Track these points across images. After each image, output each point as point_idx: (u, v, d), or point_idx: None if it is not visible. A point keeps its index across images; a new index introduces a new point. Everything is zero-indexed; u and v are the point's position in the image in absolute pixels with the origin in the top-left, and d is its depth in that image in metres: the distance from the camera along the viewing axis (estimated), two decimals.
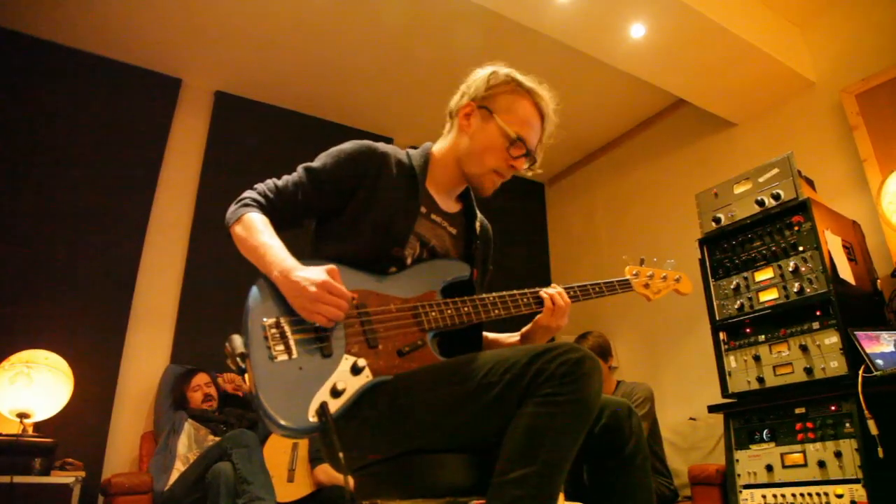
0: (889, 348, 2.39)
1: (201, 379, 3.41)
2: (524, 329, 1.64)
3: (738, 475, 2.57)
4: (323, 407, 1.21)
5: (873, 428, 2.17)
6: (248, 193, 1.46)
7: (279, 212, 1.45)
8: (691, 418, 3.54)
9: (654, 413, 3.22)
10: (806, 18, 3.70)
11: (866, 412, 2.20)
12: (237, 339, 1.25)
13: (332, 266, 1.31)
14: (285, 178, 1.49)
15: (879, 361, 2.31)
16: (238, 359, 1.22)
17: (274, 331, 1.27)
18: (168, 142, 3.98)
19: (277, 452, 3.22)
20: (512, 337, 1.67)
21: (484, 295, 1.48)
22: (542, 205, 5.62)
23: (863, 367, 2.28)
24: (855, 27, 3.49)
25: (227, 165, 4.06)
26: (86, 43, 3.74)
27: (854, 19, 3.50)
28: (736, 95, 3.78)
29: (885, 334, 2.44)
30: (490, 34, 3.62)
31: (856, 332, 2.37)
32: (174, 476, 2.98)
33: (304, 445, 3.28)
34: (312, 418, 1.20)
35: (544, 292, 1.53)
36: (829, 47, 3.62)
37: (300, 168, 1.49)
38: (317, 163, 1.49)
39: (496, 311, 1.47)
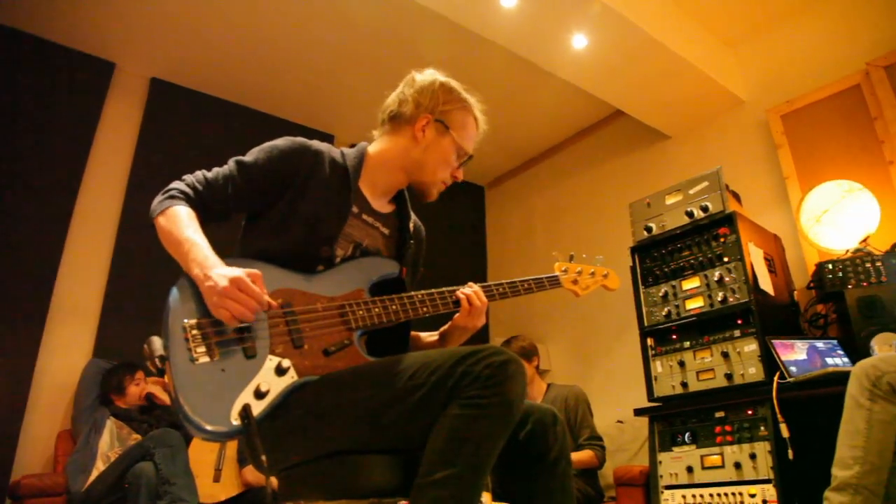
0: (802, 356, 2.52)
1: (142, 375, 3.28)
2: (443, 328, 1.65)
3: (661, 476, 2.65)
4: (246, 409, 1.18)
5: (785, 431, 2.29)
6: (175, 185, 1.42)
7: (207, 205, 1.41)
8: (619, 421, 3.64)
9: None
10: (739, 40, 3.87)
11: (779, 416, 2.31)
12: (156, 341, 1.21)
13: (255, 271, 1.27)
14: (216, 170, 1.45)
15: (793, 368, 2.42)
16: (157, 361, 1.19)
17: (195, 332, 1.23)
18: (98, 128, 3.81)
19: (204, 452, 3.13)
20: (432, 336, 1.68)
21: (412, 293, 1.48)
22: (482, 207, 5.68)
23: (778, 374, 2.39)
24: (783, 51, 3.66)
25: (161, 155, 3.92)
26: (10, 19, 3.54)
27: (782, 44, 3.68)
28: (671, 109, 3.91)
29: (798, 342, 2.57)
30: (436, 37, 3.62)
31: (772, 341, 2.49)
32: (94, 476, 2.86)
33: (233, 445, 3.20)
34: (235, 421, 1.18)
35: (461, 292, 1.54)
36: (758, 68, 3.79)
37: (231, 161, 1.46)
38: (249, 157, 1.46)
39: (424, 309, 1.47)
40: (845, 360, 2.59)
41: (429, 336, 1.69)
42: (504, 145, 4.97)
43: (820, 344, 2.62)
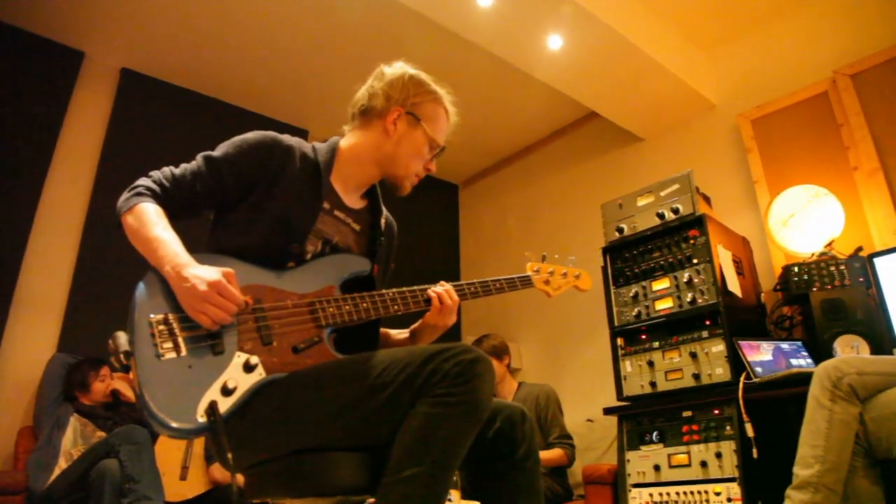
0: (768, 357, 2.57)
1: (108, 370, 3.21)
2: (413, 326, 1.65)
3: (629, 474, 2.68)
4: (212, 406, 1.17)
5: (750, 430, 2.33)
6: (142, 181, 1.39)
7: (175, 202, 1.39)
8: (588, 420, 3.67)
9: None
10: (712, 45, 3.92)
11: (745, 416, 2.35)
12: (122, 336, 1.20)
13: (229, 269, 1.27)
14: (183, 166, 1.43)
15: (759, 369, 2.47)
16: (122, 356, 1.17)
17: (162, 327, 1.22)
18: (66, 118, 3.72)
19: (171, 449, 3.08)
20: (402, 333, 1.68)
21: (383, 291, 1.47)
22: (456, 206, 5.68)
23: (744, 374, 2.43)
24: (754, 57, 3.72)
25: (131, 148, 3.84)
26: None
27: (753, 50, 3.74)
28: (644, 112, 3.96)
29: (764, 344, 2.62)
30: (414, 34, 3.61)
31: (739, 342, 2.53)
32: (55, 474, 2.79)
33: (200, 442, 3.16)
34: (201, 418, 1.17)
35: (432, 291, 1.54)
36: (730, 73, 3.85)
37: (200, 157, 1.44)
38: (218, 152, 1.44)
39: (395, 307, 1.47)
40: (809, 361, 2.64)
41: (399, 333, 1.68)
42: (479, 144, 4.98)
43: (785, 345, 2.68)
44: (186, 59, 3.99)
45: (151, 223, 1.31)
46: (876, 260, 2.59)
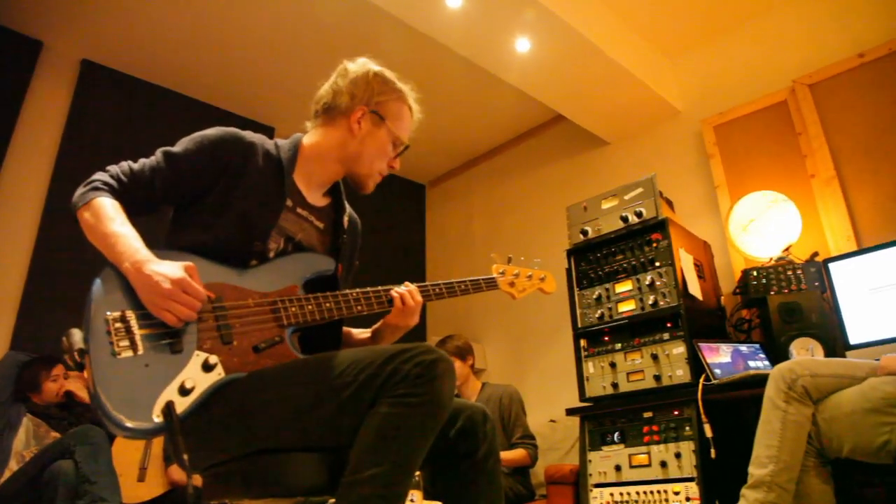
0: (727, 359, 2.62)
1: (60, 370, 3.12)
2: (375, 326, 1.64)
3: (590, 474, 2.71)
4: (169, 406, 1.15)
5: (709, 431, 2.37)
6: (98, 176, 1.36)
7: (132, 197, 1.36)
8: (551, 420, 3.70)
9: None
10: (676, 51, 3.99)
11: (703, 417, 2.39)
12: (76, 334, 1.17)
13: (190, 263, 1.25)
14: (142, 161, 1.40)
15: (718, 371, 2.52)
16: (76, 354, 1.14)
17: (119, 325, 1.19)
18: (22, 110, 3.62)
19: (128, 450, 3.01)
20: (364, 333, 1.67)
21: (347, 291, 1.46)
22: (423, 206, 5.68)
23: (703, 376, 2.48)
24: (718, 65, 3.80)
25: (91, 141, 3.75)
26: None
27: (717, 57, 3.81)
28: (610, 116, 4.00)
29: (724, 346, 2.67)
30: (383, 34, 3.59)
31: (699, 344, 2.58)
32: (6, 476, 2.71)
33: (159, 443, 3.10)
34: (157, 418, 1.14)
35: (395, 291, 1.53)
36: (694, 80, 3.92)
37: (159, 152, 1.41)
38: (178, 147, 1.41)
39: (359, 308, 1.46)
40: (766, 363, 2.70)
41: (361, 333, 1.67)
42: (446, 145, 4.98)
43: (744, 347, 2.74)
44: (150, 51, 3.91)
45: (108, 218, 1.28)
46: (831, 265, 2.66)
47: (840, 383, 1.86)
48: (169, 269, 1.22)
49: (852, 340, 2.52)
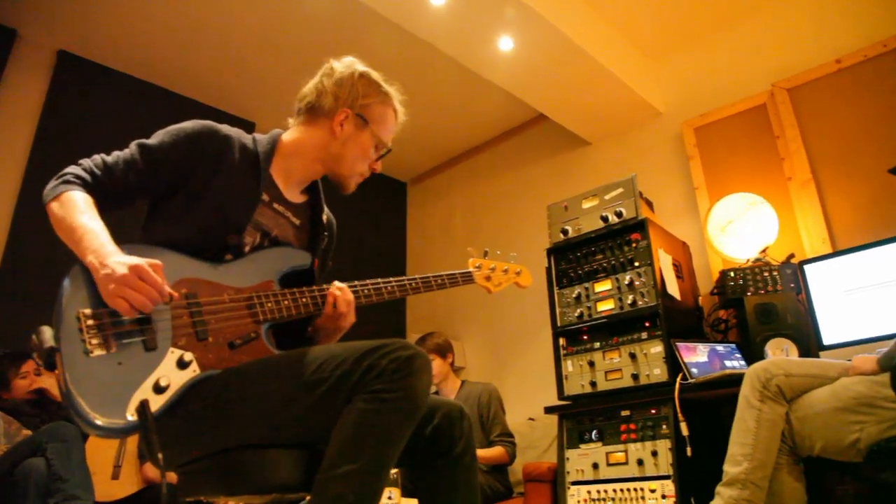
0: (704, 358, 2.65)
1: (31, 366, 3.06)
2: (310, 329, 1.57)
3: (568, 472, 2.72)
4: (143, 404, 1.13)
5: (685, 429, 2.39)
6: (71, 169, 1.33)
7: (106, 191, 1.33)
8: (530, 418, 3.71)
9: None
10: (659, 53, 4.01)
11: (680, 415, 2.41)
12: (47, 332, 1.14)
13: (156, 261, 1.21)
14: (116, 154, 1.37)
15: (694, 370, 2.54)
16: (46, 353, 1.12)
17: (91, 322, 1.16)
18: None
19: (102, 448, 2.97)
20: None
21: (324, 286, 1.45)
22: (404, 203, 5.67)
23: (680, 375, 2.50)
24: (699, 67, 3.83)
25: (67, 134, 3.68)
26: None
27: (698, 60, 3.84)
28: (592, 116, 4.02)
29: (701, 345, 2.69)
30: (367, 31, 3.58)
31: (677, 343, 2.60)
32: None
33: (134, 440, 3.05)
34: (131, 416, 1.13)
35: (333, 290, 1.47)
36: (675, 82, 3.94)
37: (134, 145, 1.38)
38: (153, 140, 1.39)
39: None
40: (742, 362, 2.74)
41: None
42: (428, 143, 4.98)
43: (720, 347, 2.77)
44: (129, 43, 3.85)
45: (78, 212, 1.25)
46: (806, 267, 2.70)
47: (813, 383, 1.89)
48: (126, 258, 1.19)
49: (826, 341, 2.56)
